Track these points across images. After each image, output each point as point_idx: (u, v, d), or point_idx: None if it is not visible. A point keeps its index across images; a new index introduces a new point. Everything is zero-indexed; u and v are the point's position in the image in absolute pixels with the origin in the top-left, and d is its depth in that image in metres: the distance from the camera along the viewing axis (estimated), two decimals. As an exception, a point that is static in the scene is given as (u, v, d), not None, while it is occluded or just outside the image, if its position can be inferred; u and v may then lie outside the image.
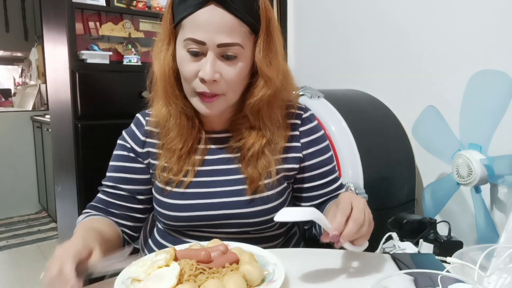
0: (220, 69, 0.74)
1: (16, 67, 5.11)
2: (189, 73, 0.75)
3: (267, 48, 0.77)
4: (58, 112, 1.95)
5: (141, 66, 1.90)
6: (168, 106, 0.82)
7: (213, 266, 0.63)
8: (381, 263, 0.75)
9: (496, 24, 1.35)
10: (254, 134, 0.82)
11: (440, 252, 1.11)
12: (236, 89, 0.79)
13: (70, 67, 1.74)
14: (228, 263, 0.64)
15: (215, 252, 0.66)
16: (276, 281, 0.62)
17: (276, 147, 0.83)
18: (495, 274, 0.59)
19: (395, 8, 1.70)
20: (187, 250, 0.67)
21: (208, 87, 0.75)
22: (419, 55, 1.61)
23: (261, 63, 0.77)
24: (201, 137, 0.85)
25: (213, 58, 0.73)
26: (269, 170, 0.82)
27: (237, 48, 0.74)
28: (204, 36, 0.72)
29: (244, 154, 0.82)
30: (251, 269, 0.62)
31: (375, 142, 1.52)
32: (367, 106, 1.66)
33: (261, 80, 0.79)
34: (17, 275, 2.54)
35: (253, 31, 0.76)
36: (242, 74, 0.77)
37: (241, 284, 0.60)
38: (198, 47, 0.73)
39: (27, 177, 3.62)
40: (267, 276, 0.65)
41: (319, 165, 0.89)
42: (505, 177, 1.15)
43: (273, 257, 0.70)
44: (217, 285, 0.58)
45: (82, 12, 1.89)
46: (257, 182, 0.81)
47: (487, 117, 1.17)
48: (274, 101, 0.82)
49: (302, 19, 2.18)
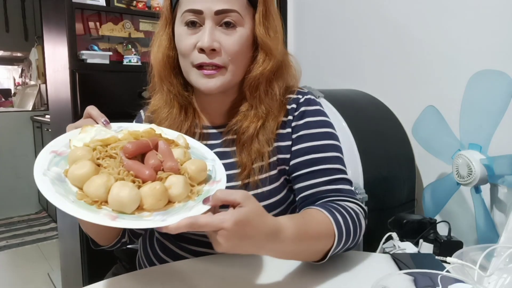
0: (219, 38, 0.73)
1: (16, 67, 5.12)
2: (187, 46, 0.74)
3: (266, 20, 0.77)
4: (58, 112, 1.95)
5: (141, 66, 1.89)
6: (161, 92, 0.82)
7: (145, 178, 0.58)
8: (381, 263, 0.75)
9: (496, 24, 1.35)
10: (251, 115, 0.79)
11: (440, 252, 1.11)
12: (238, 63, 0.76)
13: (70, 67, 1.73)
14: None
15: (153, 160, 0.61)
16: (221, 181, 0.61)
17: (269, 129, 0.78)
18: (495, 274, 0.59)
19: (395, 8, 1.70)
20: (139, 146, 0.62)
21: (208, 57, 0.73)
22: (419, 55, 1.61)
23: (261, 32, 0.76)
24: (196, 132, 0.83)
25: (211, 26, 0.73)
26: (262, 152, 0.77)
27: (235, 15, 0.73)
28: (201, 4, 0.72)
29: (239, 137, 0.79)
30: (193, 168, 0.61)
31: (375, 142, 1.52)
32: (367, 106, 1.66)
33: (261, 54, 0.78)
34: (17, 275, 2.54)
35: (251, 4, 0.76)
36: (243, 45, 0.75)
37: (200, 162, 0.61)
38: (196, 17, 0.73)
39: (27, 177, 3.61)
40: (209, 174, 0.64)
41: (306, 150, 0.78)
42: (505, 177, 1.15)
43: (208, 151, 0.69)
44: (180, 179, 0.57)
45: (82, 12, 1.89)
46: (249, 167, 0.78)
47: (487, 117, 1.17)
48: (274, 79, 0.80)
49: (302, 19, 2.18)
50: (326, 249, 0.67)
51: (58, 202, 0.53)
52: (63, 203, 0.53)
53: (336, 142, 0.81)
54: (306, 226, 0.64)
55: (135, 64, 1.89)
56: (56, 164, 0.62)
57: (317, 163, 0.77)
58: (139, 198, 0.54)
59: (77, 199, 0.55)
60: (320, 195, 0.76)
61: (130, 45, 1.96)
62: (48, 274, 2.49)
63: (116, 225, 0.51)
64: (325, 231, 0.66)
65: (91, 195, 0.55)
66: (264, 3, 0.77)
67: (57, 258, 2.50)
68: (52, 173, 0.59)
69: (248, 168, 0.77)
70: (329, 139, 0.80)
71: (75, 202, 0.54)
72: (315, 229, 0.65)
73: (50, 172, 0.59)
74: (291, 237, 0.60)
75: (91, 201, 0.55)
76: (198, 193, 0.60)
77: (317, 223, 0.66)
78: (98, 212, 0.53)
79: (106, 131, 0.68)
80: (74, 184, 0.58)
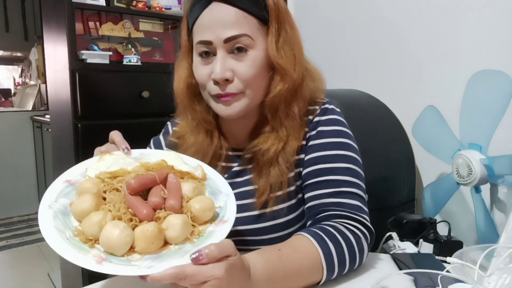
0: (232, 66, 0.71)
1: (16, 67, 5.12)
2: (203, 76, 0.74)
3: (279, 38, 0.73)
4: (58, 112, 1.95)
5: (141, 66, 1.90)
6: (186, 120, 0.82)
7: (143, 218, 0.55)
8: (381, 263, 0.76)
9: (496, 24, 1.35)
10: (272, 138, 0.76)
11: (440, 252, 1.11)
12: (255, 86, 0.74)
13: (70, 67, 1.73)
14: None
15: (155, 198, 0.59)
16: (228, 221, 0.58)
17: (290, 152, 0.76)
18: (495, 274, 0.59)
19: (395, 8, 1.70)
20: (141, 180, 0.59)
21: (221, 88, 0.72)
22: (419, 55, 1.61)
23: (274, 53, 0.73)
24: (222, 153, 0.82)
25: (222, 56, 0.71)
26: (281, 180, 0.75)
27: (246, 39, 0.71)
28: (210, 35, 0.71)
29: (258, 160, 0.76)
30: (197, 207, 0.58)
31: (375, 142, 1.52)
32: (367, 106, 1.66)
33: (277, 75, 0.74)
34: (17, 275, 2.54)
35: (263, 22, 0.73)
36: (257, 68, 0.72)
37: (207, 201, 0.58)
38: (207, 47, 0.72)
39: (27, 177, 3.62)
40: (218, 212, 0.61)
41: (314, 160, 0.75)
42: (505, 177, 1.15)
43: (225, 184, 0.66)
44: (180, 218, 0.55)
45: (82, 12, 1.89)
46: (267, 195, 0.75)
47: (487, 117, 1.17)
48: (292, 98, 0.76)
49: (302, 19, 2.17)
50: (316, 280, 0.65)
51: (50, 238, 0.53)
52: (54, 240, 0.52)
53: (348, 153, 0.76)
54: (282, 261, 0.61)
55: (135, 64, 1.89)
56: (66, 195, 0.61)
57: (323, 173, 0.74)
58: (130, 241, 0.52)
59: (73, 236, 0.54)
60: (321, 207, 0.72)
61: (130, 45, 1.96)
62: (48, 274, 2.50)
63: (100, 270, 0.49)
64: (310, 265, 0.63)
65: (86, 233, 0.54)
66: (277, 19, 0.74)
67: (57, 258, 2.49)
68: (58, 205, 0.59)
69: (265, 194, 0.75)
70: (341, 149, 0.76)
71: (70, 239, 0.53)
72: (296, 264, 0.62)
73: (57, 204, 0.59)
74: (261, 276, 0.58)
75: (85, 239, 0.54)
76: (199, 234, 0.57)
77: (299, 257, 0.63)
78: (88, 252, 0.52)
79: (125, 159, 0.66)
80: (76, 218, 0.57)
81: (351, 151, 0.77)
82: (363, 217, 0.72)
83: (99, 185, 0.60)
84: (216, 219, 0.60)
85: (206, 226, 0.58)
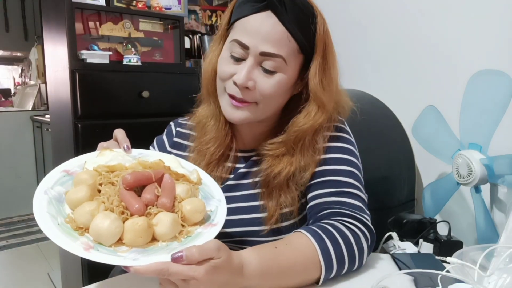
0: (256, 77, 0.72)
1: (16, 67, 5.12)
2: (225, 73, 0.74)
3: (323, 73, 0.74)
4: (58, 112, 1.95)
5: (141, 66, 1.90)
6: (209, 105, 0.82)
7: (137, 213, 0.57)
8: (381, 263, 0.76)
9: (496, 24, 1.35)
10: (285, 161, 0.76)
11: (440, 252, 1.11)
12: (270, 104, 0.75)
13: (70, 67, 1.73)
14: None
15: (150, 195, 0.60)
16: (217, 225, 0.59)
17: (303, 178, 0.75)
18: (495, 274, 0.59)
19: (395, 8, 1.70)
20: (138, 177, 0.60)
21: (240, 92, 0.72)
22: (419, 55, 1.61)
23: (316, 87, 0.73)
24: (230, 154, 0.82)
25: (251, 64, 0.71)
26: (290, 200, 0.75)
27: (279, 61, 0.71)
28: (250, 41, 0.71)
29: (269, 182, 0.76)
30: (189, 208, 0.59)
31: (375, 142, 1.52)
32: (367, 106, 1.66)
33: (313, 106, 0.75)
34: (17, 275, 2.54)
35: (301, 50, 0.73)
36: (279, 90, 0.73)
37: (198, 203, 0.59)
38: (242, 50, 0.72)
39: (27, 177, 3.62)
40: (209, 215, 0.62)
41: (316, 175, 0.77)
42: (505, 177, 1.15)
43: (219, 191, 0.67)
44: (171, 216, 0.56)
45: (82, 12, 1.89)
46: (276, 215, 0.75)
47: (487, 117, 1.17)
48: (321, 130, 0.77)
49: (302, 19, 2.17)
50: (315, 278, 0.65)
51: (41, 221, 0.54)
52: (45, 223, 0.53)
53: (352, 158, 0.78)
54: (278, 257, 0.62)
55: (135, 64, 1.89)
56: (62, 184, 0.62)
57: (326, 174, 0.76)
58: (120, 232, 0.54)
59: (64, 222, 0.55)
60: (323, 206, 0.73)
61: (130, 45, 1.96)
62: (48, 274, 2.49)
63: (87, 256, 0.50)
64: (306, 262, 0.63)
65: (77, 220, 0.55)
66: (323, 55, 0.74)
67: (57, 258, 2.49)
68: (53, 192, 0.60)
69: (274, 217, 0.75)
70: (345, 154, 0.78)
71: (61, 225, 0.54)
72: (292, 260, 0.62)
73: (52, 191, 0.60)
74: (255, 273, 0.58)
75: (76, 227, 0.55)
76: (188, 234, 0.58)
77: (295, 254, 0.63)
78: (77, 239, 0.53)
79: (124, 156, 0.68)
80: (70, 206, 0.58)
81: (353, 157, 0.80)
82: (364, 217, 0.72)
83: (95, 178, 0.61)
84: (206, 222, 0.61)
85: (195, 228, 0.60)
